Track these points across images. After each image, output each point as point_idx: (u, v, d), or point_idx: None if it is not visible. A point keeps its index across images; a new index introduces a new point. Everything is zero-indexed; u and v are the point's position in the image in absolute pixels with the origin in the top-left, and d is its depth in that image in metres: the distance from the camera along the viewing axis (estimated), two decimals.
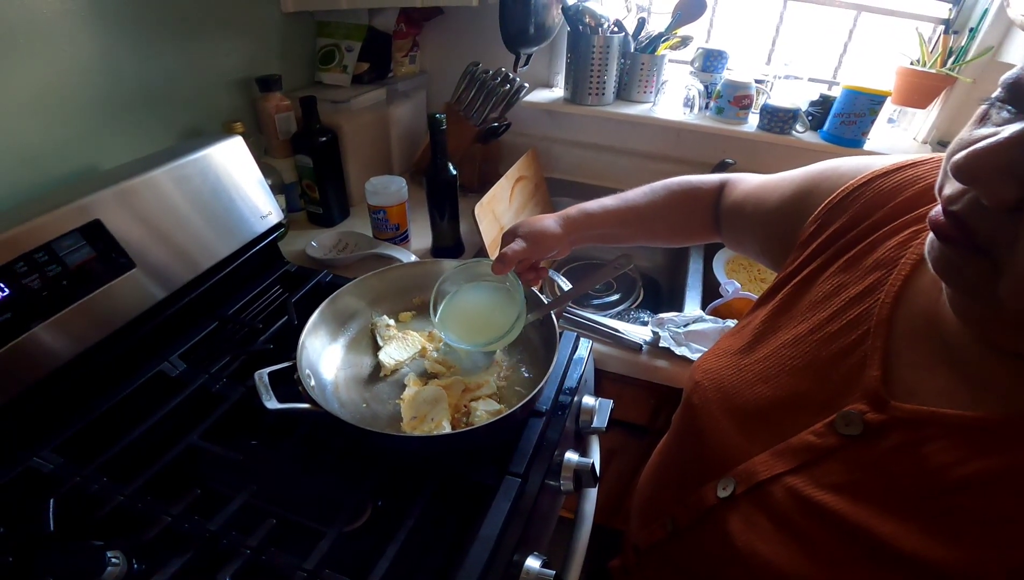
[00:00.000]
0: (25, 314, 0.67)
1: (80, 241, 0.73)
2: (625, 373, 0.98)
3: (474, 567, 0.57)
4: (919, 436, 0.41)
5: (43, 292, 0.69)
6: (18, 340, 0.66)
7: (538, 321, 0.79)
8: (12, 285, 0.66)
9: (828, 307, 0.52)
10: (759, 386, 0.54)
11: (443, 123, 1.03)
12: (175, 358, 0.81)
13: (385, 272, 0.87)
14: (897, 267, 0.48)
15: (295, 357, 0.69)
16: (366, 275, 0.85)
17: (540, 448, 0.71)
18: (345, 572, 0.57)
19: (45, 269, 0.69)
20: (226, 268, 0.92)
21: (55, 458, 0.66)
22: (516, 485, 0.65)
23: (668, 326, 0.96)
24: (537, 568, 0.62)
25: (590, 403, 0.85)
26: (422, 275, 0.89)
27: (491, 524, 0.61)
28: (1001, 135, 0.31)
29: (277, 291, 0.99)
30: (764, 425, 0.53)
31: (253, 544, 0.58)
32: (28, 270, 0.68)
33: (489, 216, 1.11)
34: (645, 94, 1.39)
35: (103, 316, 0.76)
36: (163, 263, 0.83)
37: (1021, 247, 0.31)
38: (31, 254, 0.68)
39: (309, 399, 0.65)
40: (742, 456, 0.53)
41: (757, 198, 0.69)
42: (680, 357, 0.93)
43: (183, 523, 0.60)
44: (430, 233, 1.19)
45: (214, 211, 0.91)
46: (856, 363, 0.47)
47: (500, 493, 0.64)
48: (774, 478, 0.49)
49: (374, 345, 0.82)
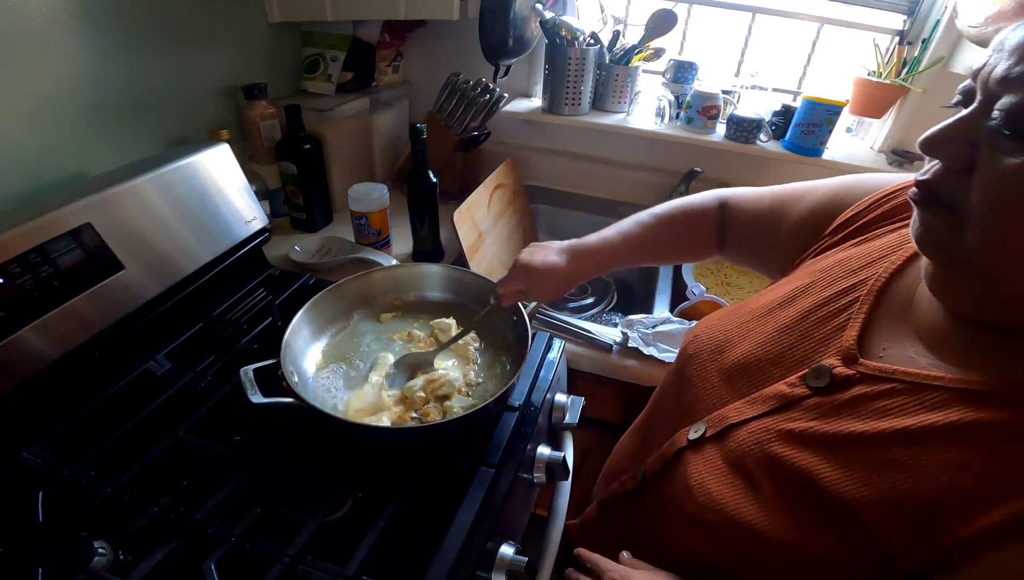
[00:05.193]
0: (19, 312, 0.67)
1: (71, 244, 0.73)
2: (597, 372, 1.00)
3: (450, 552, 0.58)
4: (877, 391, 0.45)
5: (35, 292, 0.69)
6: (11, 338, 0.66)
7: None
8: (6, 285, 0.66)
9: (828, 276, 0.56)
10: (749, 342, 0.58)
11: (424, 132, 1.04)
12: (161, 357, 0.81)
13: (366, 275, 0.88)
14: (900, 250, 0.53)
15: (279, 355, 0.70)
16: (347, 278, 0.86)
17: (513, 441, 0.73)
18: (327, 559, 0.58)
19: (38, 270, 0.70)
20: (211, 271, 0.92)
21: (44, 454, 0.66)
22: (490, 475, 0.67)
23: (637, 327, 0.99)
24: (511, 555, 0.64)
25: (562, 400, 0.86)
26: (403, 278, 0.91)
27: (466, 512, 0.62)
28: (952, 118, 0.40)
29: (261, 294, 0.99)
30: (746, 377, 0.56)
31: (237, 533, 0.59)
32: (21, 271, 0.68)
33: (468, 222, 1.12)
34: (619, 104, 1.41)
35: (93, 315, 0.76)
36: (151, 266, 0.83)
37: (975, 196, 0.38)
38: (25, 255, 0.68)
39: (292, 393, 0.66)
40: (718, 403, 0.57)
41: (777, 215, 0.70)
42: (648, 357, 0.96)
43: (169, 514, 0.61)
44: (411, 238, 1.20)
45: (200, 216, 0.91)
46: (839, 325, 0.51)
47: (475, 483, 0.66)
48: (741, 423, 0.53)
49: (354, 347, 0.84)
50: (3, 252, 0.66)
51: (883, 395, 0.45)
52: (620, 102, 1.41)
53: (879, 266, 0.53)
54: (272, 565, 0.56)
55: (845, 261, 0.56)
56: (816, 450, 0.46)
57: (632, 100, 1.41)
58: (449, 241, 1.22)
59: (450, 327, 0.85)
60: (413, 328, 0.86)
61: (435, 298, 0.92)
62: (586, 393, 0.92)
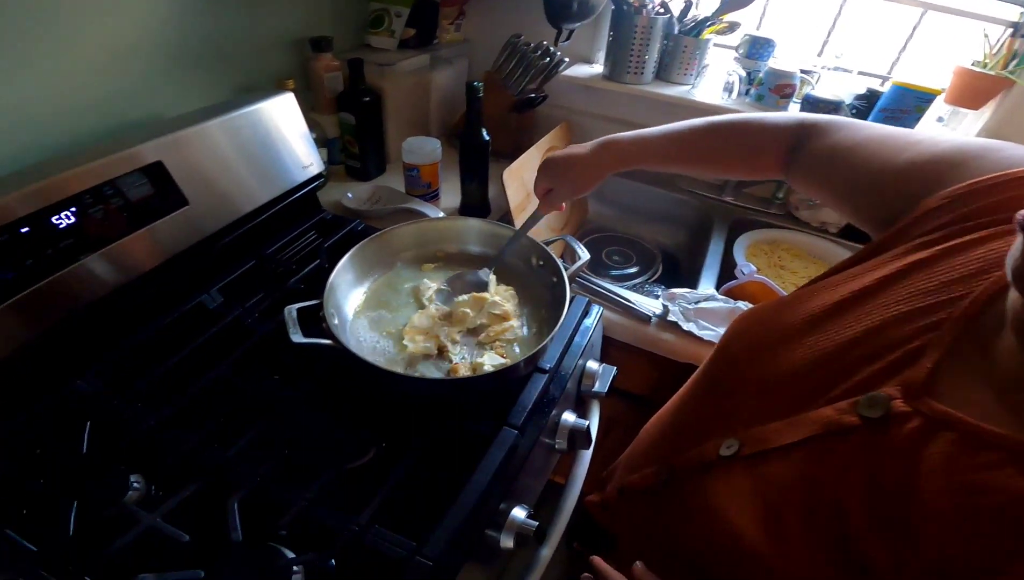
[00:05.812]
0: (88, 240, 0.71)
1: (142, 179, 0.78)
2: (632, 342, 0.98)
3: (462, 508, 0.58)
4: (931, 436, 0.38)
5: (105, 222, 0.73)
6: (78, 263, 0.70)
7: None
8: (80, 214, 0.70)
9: (911, 284, 0.45)
10: (799, 350, 0.48)
11: (480, 90, 1.03)
12: (215, 291, 0.85)
13: (412, 225, 0.89)
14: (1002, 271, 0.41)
15: (323, 297, 0.72)
16: (394, 226, 0.87)
17: (540, 404, 0.72)
18: (342, 506, 0.59)
19: (110, 201, 0.74)
20: (268, 211, 0.95)
21: (96, 381, 0.70)
22: (512, 437, 0.67)
23: (679, 301, 0.95)
24: (522, 518, 0.64)
25: (594, 367, 0.85)
26: (447, 230, 0.91)
27: (484, 471, 0.62)
28: None
29: (312, 236, 1.01)
30: (791, 393, 0.48)
31: (261, 473, 0.61)
32: (94, 202, 0.72)
33: (517, 182, 1.11)
34: (685, 76, 1.34)
35: (156, 247, 0.80)
36: (212, 203, 0.87)
37: None
38: (99, 188, 0.72)
39: (331, 335, 0.68)
40: (755, 419, 0.49)
41: (873, 151, 0.57)
42: (687, 332, 0.93)
43: (201, 451, 0.63)
44: (459, 193, 1.20)
45: (261, 159, 0.94)
46: (912, 350, 0.42)
47: (496, 443, 0.66)
48: (779, 448, 0.46)
49: (396, 293, 0.85)
50: (79, 184, 0.70)
51: (938, 442, 0.38)
52: (686, 74, 1.35)
53: (976, 284, 0.41)
54: (290, 507, 0.58)
55: (934, 271, 0.44)
56: (857, 496, 0.40)
57: (699, 73, 1.34)
58: (496, 199, 1.22)
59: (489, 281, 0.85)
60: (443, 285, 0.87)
61: (475, 252, 0.92)
62: (618, 362, 0.90)
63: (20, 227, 0.65)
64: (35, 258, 0.66)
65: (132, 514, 0.56)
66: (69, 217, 0.70)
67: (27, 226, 0.66)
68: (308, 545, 0.56)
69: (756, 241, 1.23)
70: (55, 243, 0.68)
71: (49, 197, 0.68)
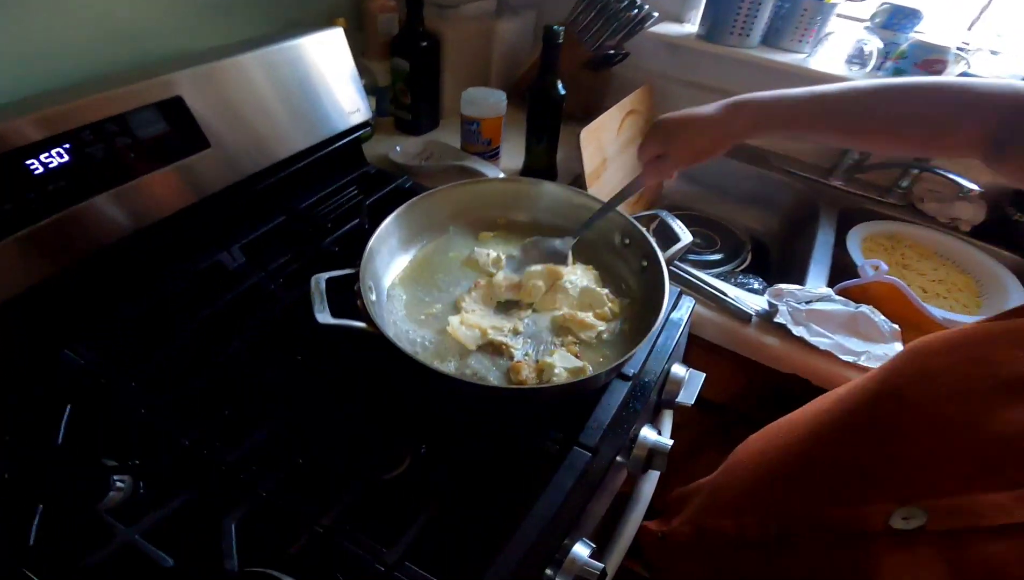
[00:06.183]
0: (85, 183, 0.59)
1: (157, 116, 0.66)
2: (722, 343, 0.81)
3: (517, 549, 0.45)
4: None
5: (108, 162, 0.61)
6: (70, 210, 0.58)
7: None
8: (74, 153, 0.58)
9: None
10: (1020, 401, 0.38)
11: (560, 36, 0.89)
12: (237, 249, 0.72)
13: (472, 184, 0.75)
14: None
15: (359, 265, 0.58)
16: (453, 184, 0.73)
17: (619, 419, 0.57)
18: (368, 531, 0.46)
19: (114, 139, 0.61)
20: (303, 161, 0.81)
21: (88, 353, 0.58)
22: (583, 460, 0.52)
23: (787, 299, 0.77)
24: (584, 558, 0.50)
25: (680, 373, 0.69)
26: (515, 193, 0.76)
27: (548, 502, 0.49)
28: None
29: (353, 192, 0.87)
30: (1007, 454, 0.37)
31: (270, 487, 0.48)
32: (94, 139, 0.60)
33: (594, 144, 0.95)
34: (799, 43, 1.14)
35: (168, 194, 0.67)
36: (239, 147, 0.74)
37: None
38: (100, 124, 0.60)
39: (366, 317, 0.54)
40: (951, 485, 0.39)
41: None
42: (797, 338, 0.75)
43: (202, 448, 0.51)
44: (522, 153, 1.05)
45: (300, 101, 0.81)
46: None
47: (564, 467, 0.52)
48: (1005, 528, 0.36)
49: (447, 265, 0.71)
50: (70, 119, 0.58)
51: None
52: (801, 41, 1.14)
53: None
54: (300, 533, 0.46)
55: None
56: None
57: (818, 41, 1.13)
58: (564, 163, 1.07)
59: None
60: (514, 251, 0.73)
61: (546, 222, 0.77)
62: (700, 366, 0.74)
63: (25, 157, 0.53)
64: (14, 203, 0.54)
65: (107, 525, 0.44)
66: (61, 156, 0.57)
67: (4, 165, 0.53)
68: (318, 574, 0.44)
69: (873, 234, 1.02)
70: (40, 186, 0.56)
71: (35, 133, 0.55)
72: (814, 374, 0.76)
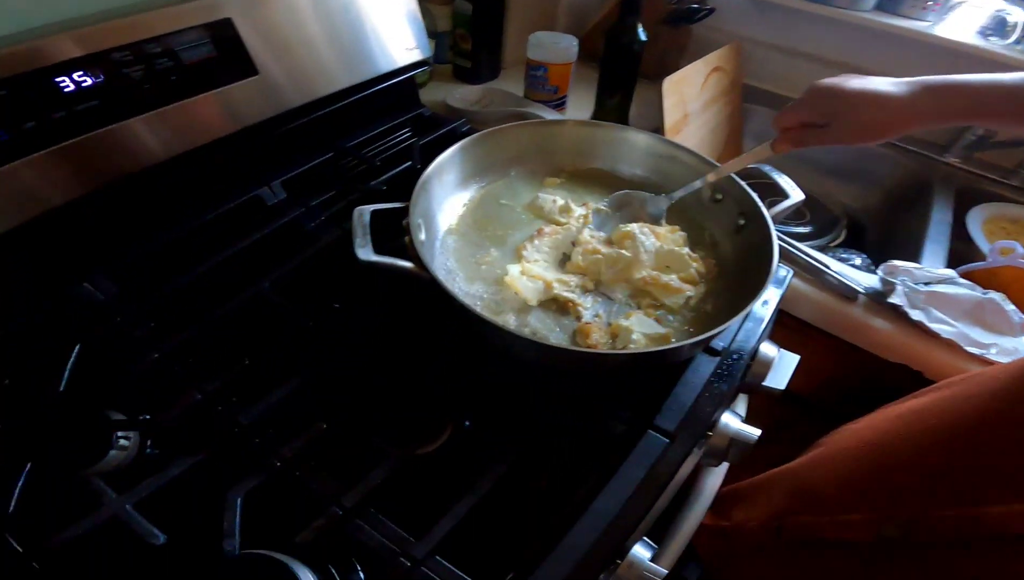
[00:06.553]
0: (118, 104, 0.53)
1: (204, 38, 0.59)
2: (816, 323, 0.69)
3: (573, 552, 0.37)
4: None
5: (145, 83, 0.54)
6: (101, 131, 0.52)
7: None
8: (108, 73, 0.52)
9: None
10: None
11: None
12: (277, 184, 0.65)
13: (546, 124, 0.68)
14: None
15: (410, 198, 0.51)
16: (524, 122, 0.65)
17: (702, 401, 0.47)
18: (394, 517, 0.39)
19: (154, 61, 0.55)
20: (355, 95, 0.73)
21: (108, 286, 0.52)
22: (659, 447, 0.44)
23: (903, 278, 0.65)
24: (646, 562, 0.42)
25: (770, 354, 0.59)
26: (591, 139, 0.67)
27: (613, 495, 0.40)
28: None
29: (406, 133, 0.79)
30: None
31: (286, 456, 0.41)
32: (132, 60, 0.53)
33: (677, 96, 0.84)
34: (922, 10, 0.99)
35: (209, 121, 0.60)
36: (289, 76, 0.66)
37: None
38: (140, 44, 0.54)
39: (414, 256, 0.46)
40: None
41: None
42: (914, 322, 0.63)
43: (215, 404, 0.44)
44: (590, 106, 0.95)
45: (356, 32, 0.73)
46: None
47: (636, 454, 0.43)
48: None
49: (507, 209, 0.63)
50: (106, 38, 0.52)
51: None
52: (923, 8, 0.99)
53: None
54: (316, 515, 0.38)
55: None
56: None
57: (946, 8, 0.99)
58: (635, 120, 0.96)
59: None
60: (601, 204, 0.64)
61: (626, 174, 0.67)
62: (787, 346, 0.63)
63: (23, 84, 0.47)
64: (39, 120, 0.48)
65: (96, 492, 0.38)
66: (94, 75, 0.51)
67: (32, 82, 0.47)
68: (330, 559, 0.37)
69: (994, 217, 0.88)
70: (69, 105, 0.50)
71: (68, 51, 0.49)
72: (928, 365, 0.64)
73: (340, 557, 0.38)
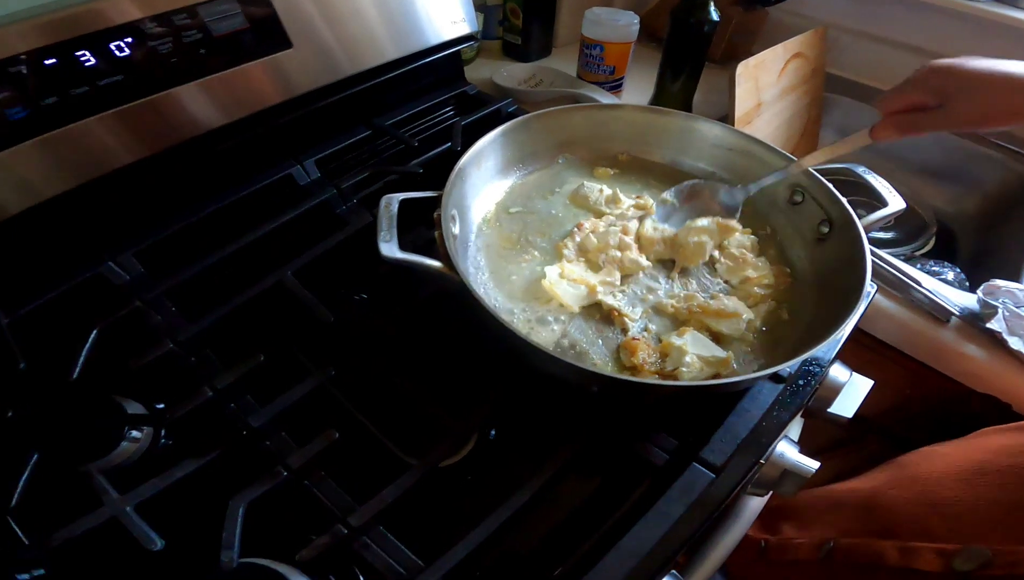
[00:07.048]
0: (146, 80, 0.51)
1: (235, 9, 0.55)
2: (896, 345, 0.61)
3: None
4: None
5: (172, 58, 0.52)
6: (122, 108, 0.49)
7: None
8: (135, 47, 0.49)
9: None
10: None
11: None
12: (311, 163, 0.62)
13: (599, 108, 0.63)
14: None
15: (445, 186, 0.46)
16: (573, 106, 0.61)
17: (758, 433, 0.41)
18: (405, 539, 0.35)
19: (182, 34, 0.52)
20: (395, 71, 0.69)
21: (134, 265, 0.50)
22: (704, 481, 0.38)
23: (1004, 300, 0.56)
24: None
25: (841, 378, 0.52)
26: (646, 126, 0.61)
27: (646, 531, 0.36)
28: None
29: (448, 112, 0.74)
30: None
31: (296, 463, 0.38)
32: (160, 32, 0.51)
33: (750, 82, 0.76)
34: None
35: (239, 97, 0.57)
36: (325, 50, 0.63)
37: None
38: (167, 15, 0.51)
39: (444, 254, 0.41)
40: None
41: None
42: (1012, 352, 0.54)
43: (228, 401, 0.41)
44: (650, 89, 0.87)
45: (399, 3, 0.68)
46: None
47: (676, 487, 0.38)
48: None
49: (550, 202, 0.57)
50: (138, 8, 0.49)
51: None
52: None
53: None
54: (321, 530, 0.35)
55: None
56: None
57: None
58: (700, 107, 0.88)
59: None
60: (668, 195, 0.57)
61: (684, 166, 0.61)
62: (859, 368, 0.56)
63: (43, 59, 0.45)
64: (60, 96, 0.46)
65: (96, 489, 0.36)
66: (121, 49, 0.48)
67: (53, 58, 0.45)
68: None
69: None
70: (93, 80, 0.47)
71: (91, 24, 0.47)
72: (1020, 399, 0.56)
73: (344, 570, 0.35)
